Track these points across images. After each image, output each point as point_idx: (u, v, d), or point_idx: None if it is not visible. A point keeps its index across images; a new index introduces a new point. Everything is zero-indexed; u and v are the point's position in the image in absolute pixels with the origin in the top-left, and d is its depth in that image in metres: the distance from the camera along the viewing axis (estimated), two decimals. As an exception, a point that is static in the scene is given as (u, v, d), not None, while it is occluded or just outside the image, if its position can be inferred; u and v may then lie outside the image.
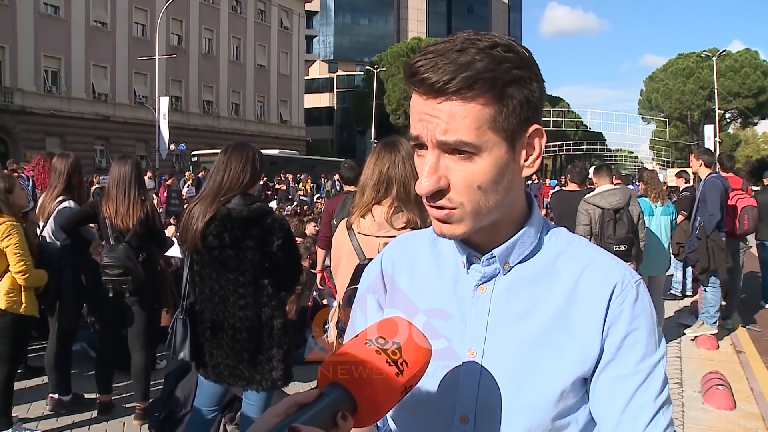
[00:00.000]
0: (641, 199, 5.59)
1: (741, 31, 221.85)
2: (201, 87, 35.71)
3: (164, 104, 24.57)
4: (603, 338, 0.81)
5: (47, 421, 3.79)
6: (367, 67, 50.16)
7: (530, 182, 17.96)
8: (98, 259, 3.66)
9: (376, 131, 42.42)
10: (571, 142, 53.20)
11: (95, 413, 3.86)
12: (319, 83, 57.87)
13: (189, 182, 15.17)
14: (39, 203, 4.15)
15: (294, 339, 4.06)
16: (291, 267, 2.71)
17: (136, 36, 31.61)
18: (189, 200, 7.51)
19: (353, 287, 2.23)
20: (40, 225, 3.99)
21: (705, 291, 5.95)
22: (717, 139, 30.62)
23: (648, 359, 0.81)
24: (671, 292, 7.90)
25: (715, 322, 5.90)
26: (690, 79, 47.48)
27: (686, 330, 6.13)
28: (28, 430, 3.54)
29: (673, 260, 7.23)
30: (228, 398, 3.10)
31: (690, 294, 8.01)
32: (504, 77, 0.75)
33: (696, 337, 5.88)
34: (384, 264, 0.99)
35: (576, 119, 54.65)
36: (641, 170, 12.38)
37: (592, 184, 5.44)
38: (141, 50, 29.66)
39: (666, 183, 16.93)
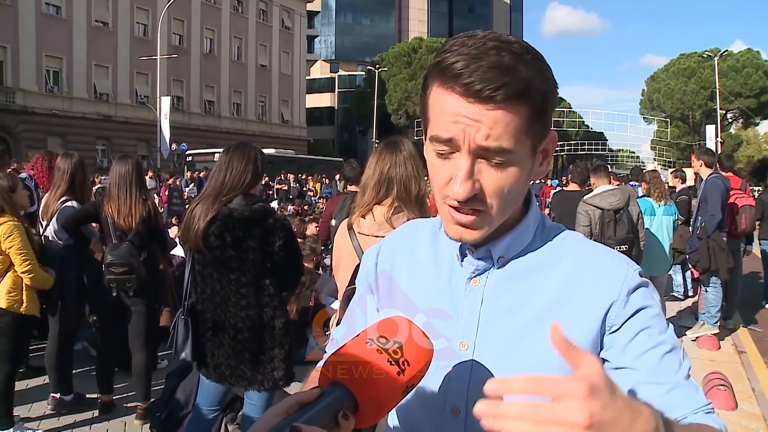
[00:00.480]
0: (643, 199, 5.58)
1: (743, 31, 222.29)
2: (202, 87, 35.75)
3: (166, 104, 24.61)
4: (602, 332, 0.81)
5: (49, 421, 3.79)
6: (369, 67, 50.16)
7: (531, 182, 17.95)
8: (99, 258, 3.66)
9: (378, 131, 42.43)
10: (573, 143, 53.04)
11: (96, 413, 3.86)
12: (321, 83, 57.84)
13: (190, 181, 15.19)
14: (42, 203, 4.15)
15: (295, 339, 4.06)
16: (292, 267, 2.71)
17: (138, 36, 31.65)
18: (190, 200, 7.51)
19: (353, 287, 2.22)
20: (43, 224, 4.00)
21: (706, 291, 5.94)
22: (719, 140, 30.50)
23: (660, 323, 0.81)
24: (673, 294, 7.89)
25: (716, 323, 5.89)
26: (691, 79, 47.43)
27: (687, 331, 6.11)
28: (30, 430, 3.54)
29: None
30: (229, 398, 3.10)
31: (691, 295, 7.99)
32: (545, 87, 0.76)
33: (697, 338, 5.87)
34: (381, 262, 0.98)
35: (577, 119, 54.52)
36: (634, 169, 12.36)
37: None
38: (142, 50, 29.71)
39: (668, 183, 16.88)
